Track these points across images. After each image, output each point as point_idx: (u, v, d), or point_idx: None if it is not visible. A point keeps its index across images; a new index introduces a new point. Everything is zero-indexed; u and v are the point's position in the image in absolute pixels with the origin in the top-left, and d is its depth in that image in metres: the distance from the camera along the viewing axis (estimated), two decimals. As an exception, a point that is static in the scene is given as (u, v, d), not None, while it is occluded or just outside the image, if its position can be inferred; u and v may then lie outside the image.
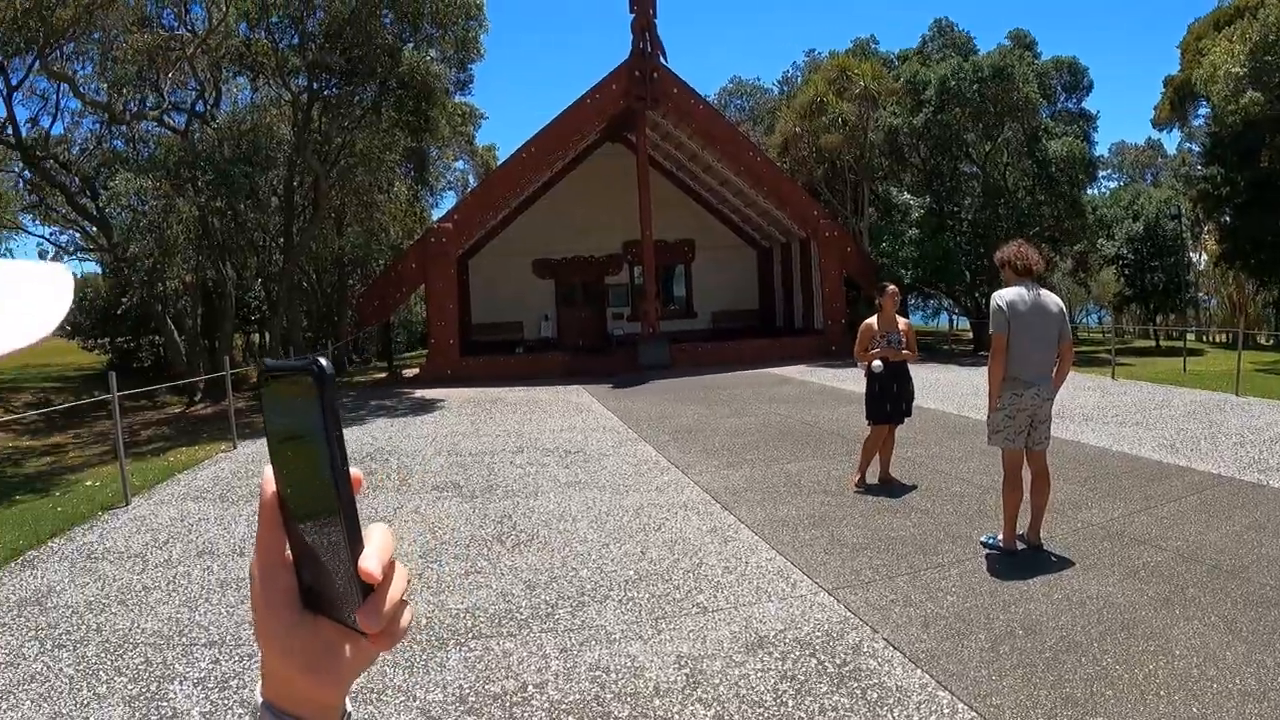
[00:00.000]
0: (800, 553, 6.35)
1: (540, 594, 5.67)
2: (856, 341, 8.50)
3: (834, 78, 29.65)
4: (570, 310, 30.36)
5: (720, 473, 9.51)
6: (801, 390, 17.57)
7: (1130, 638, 4.55)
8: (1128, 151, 61.83)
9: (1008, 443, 6.16)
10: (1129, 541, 6.32)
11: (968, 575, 5.73)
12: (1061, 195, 28.06)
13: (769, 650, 4.60)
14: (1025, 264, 6.16)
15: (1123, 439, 10.74)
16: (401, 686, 4.32)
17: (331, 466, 0.58)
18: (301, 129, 21.75)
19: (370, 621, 0.61)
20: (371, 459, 11.20)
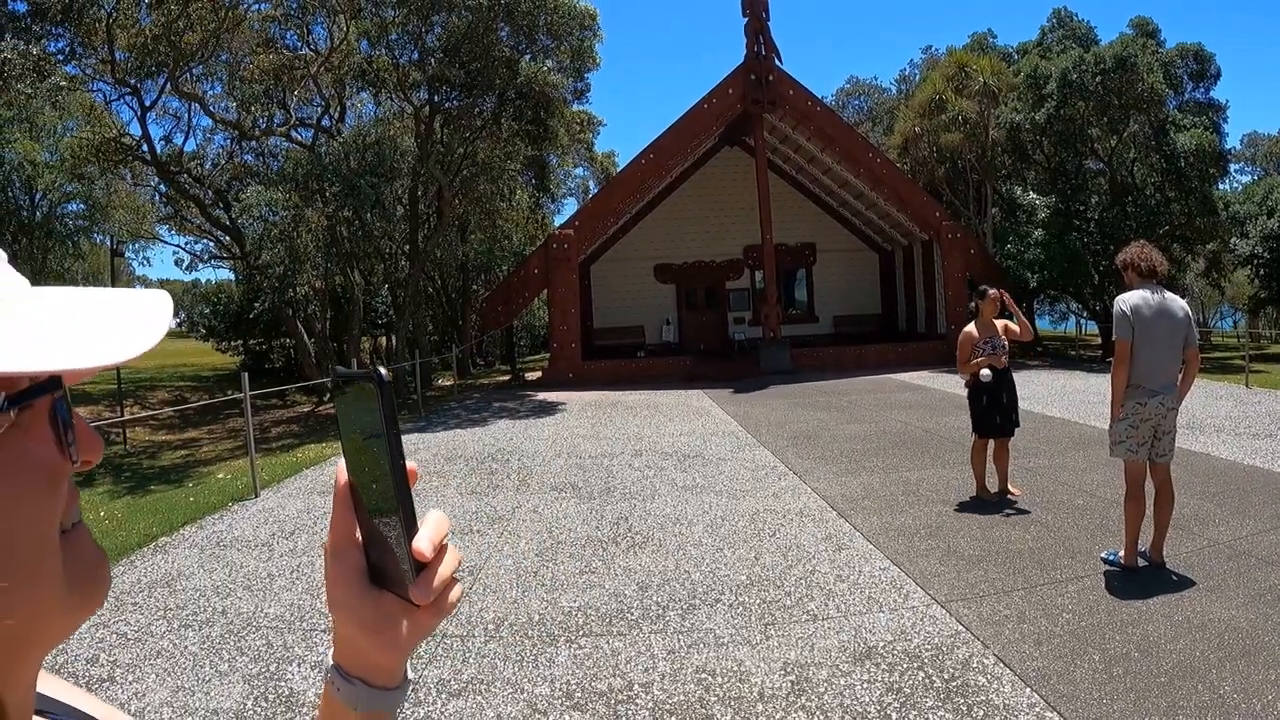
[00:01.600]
0: (915, 563, 6.33)
1: (652, 595, 5.79)
2: (958, 352, 8.31)
3: (952, 75, 29.18)
4: (691, 314, 30.52)
5: (838, 479, 9.52)
6: (923, 396, 17.38)
7: (1251, 665, 4.37)
8: (1261, 142, 58.74)
9: (1130, 454, 6.00)
10: (1256, 562, 6.09)
11: (1085, 592, 5.62)
12: (1191, 191, 26.97)
13: (877, 661, 4.61)
14: (1149, 266, 6.01)
15: (1256, 452, 10.29)
16: (510, 679, 4.49)
17: (391, 461, 0.67)
18: (424, 140, 22.38)
19: (421, 594, 0.71)
20: (493, 459, 11.51)
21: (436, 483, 10.05)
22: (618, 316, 29.58)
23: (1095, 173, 29.64)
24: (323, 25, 23.30)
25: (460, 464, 11.22)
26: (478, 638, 5.08)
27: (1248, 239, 31.34)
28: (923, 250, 28.23)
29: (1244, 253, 31.93)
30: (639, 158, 24.52)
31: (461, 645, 4.97)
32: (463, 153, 22.97)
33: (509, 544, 7.15)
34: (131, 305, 0.60)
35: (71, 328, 0.55)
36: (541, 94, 21.70)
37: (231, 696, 4.42)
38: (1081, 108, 26.15)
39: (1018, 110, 27.95)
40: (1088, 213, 28.37)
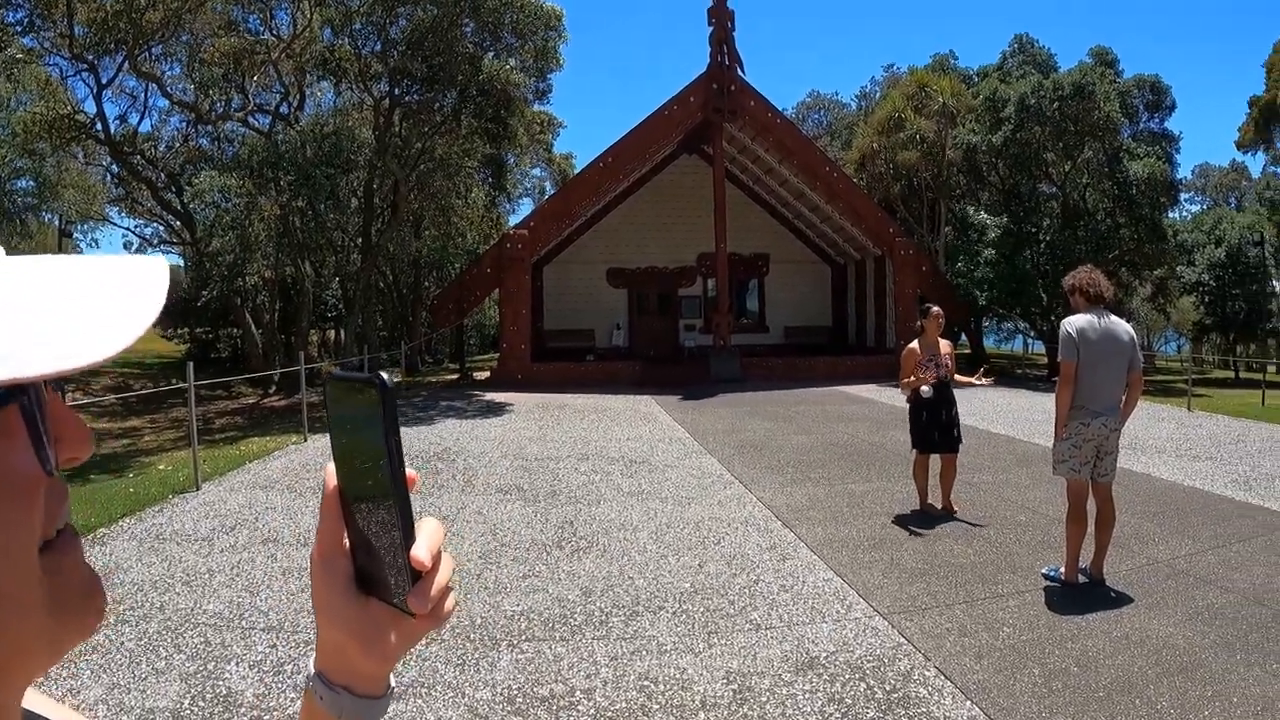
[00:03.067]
0: (858, 575, 6.32)
1: (595, 601, 5.73)
2: (900, 368, 8.37)
3: (912, 94, 29.51)
4: (643, 320, 30.45)
5: (783, 490, 9.50)
6: (870, 410, 17.46)
7: (1188, 681, 4.45)
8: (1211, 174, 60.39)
9: (1072, 473, 6.08)
10: (1194, 581, 6.18)
11: (1026, 607, 5.66)
12: (1142, 218, 27.51)
13: (819, 671, 4.59)
14: (1096, 291, 6.08)
15: (1196, 474, 10.49)
16: (452, 683, 4.41)
17: (391, 468, 0.65)
18: (382, 133, 22.20)
19: (419, 603, 0.68)
20: (438, 459, 11.37)
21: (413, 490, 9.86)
22: (569, 319, 29.42)
23: (1048, 196, 30.07)
24: (286, 11, 23.03)
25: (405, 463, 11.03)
26: (419, 641, 4.95)
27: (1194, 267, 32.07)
28: (875, 265, 28.44)
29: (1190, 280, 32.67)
30: (597, 161, 24.46)
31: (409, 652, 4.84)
32: (421, 147, 22.81)
33: (452, 545, 7.03)
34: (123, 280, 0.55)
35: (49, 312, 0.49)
36: (503, 92, 21.61)
37: (168, 695, 4.29)
38: (1038, 132, 26.55)
39: (975, 132, 28.31)
40: (1039, 235, 28.79)
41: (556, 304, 29.51)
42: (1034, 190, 29.77)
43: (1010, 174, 29.14)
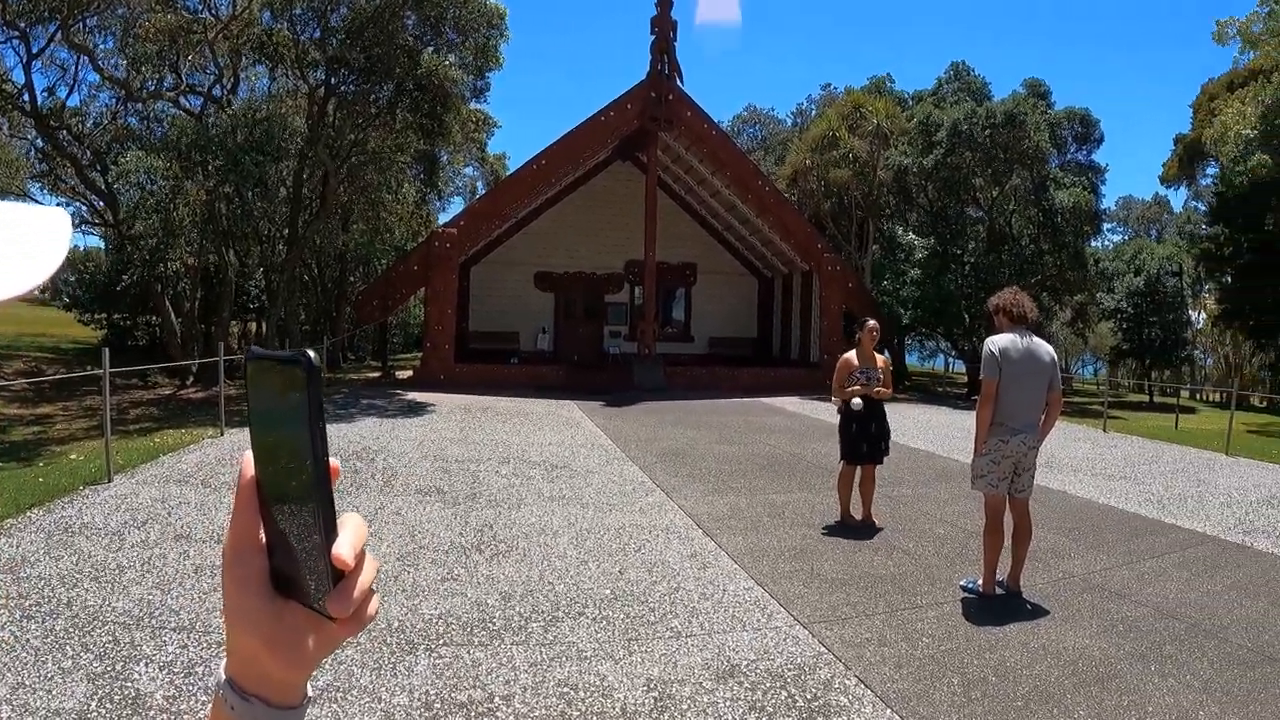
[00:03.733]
0: (778, 584, 6.30)
1: (515, 606, 5.61)
2: (834, 377, 8.39)
3: (847, 113, 29.86)
4: (568, 325, 30.28)
5: (705, 498, 9.46)
6: (793, 422, 17.56)
7: (1104, 691, 4.53)
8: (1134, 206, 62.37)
9: (990, 488, 6.15)
10: (1108, 595, 6.30)
11: (944, 618, 5.69)
12: (1065, 245, 28.19)
13: (740, 680, 4.55)
14: (1020, 312, 6.18)
15: (1110, 492, 10.74)
16: (368, 687, 4.28)
17: (314, 456, 0.59)
18: (315, 122, 21.81)
19: (340, 606, 0.62)
20: (358, 458, 11.13)
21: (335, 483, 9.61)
22: (494, 321, 29.14)
23: (975, 220, 30.66)
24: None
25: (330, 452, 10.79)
26: None
27: (1114, 294, 32.98)
28: (802, 280, 28.67)
29: (1109, 306, 33.60)
30: (531, 162, 24.26)
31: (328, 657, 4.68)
32: (353, 139, 22.46)
33: (370, 547, 6.78)
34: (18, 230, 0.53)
35: None
36: (441, 88, 21.37)
37: (74, 696, 4.07)
38: (968, 157, 27.02)
39: (907, 154, 28.72)
40: (964, 257, 29.33)
41: (483, 305, 29.21)
42: (961, 214, 30.33)
43: (939, 197, 29.62)
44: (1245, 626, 5.70)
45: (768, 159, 43.07)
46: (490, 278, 29.28)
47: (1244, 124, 23.73)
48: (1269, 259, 33.75)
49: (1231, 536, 8.48)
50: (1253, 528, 8.95)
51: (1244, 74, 28.74)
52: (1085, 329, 38.32)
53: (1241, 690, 4.63)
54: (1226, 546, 8.05)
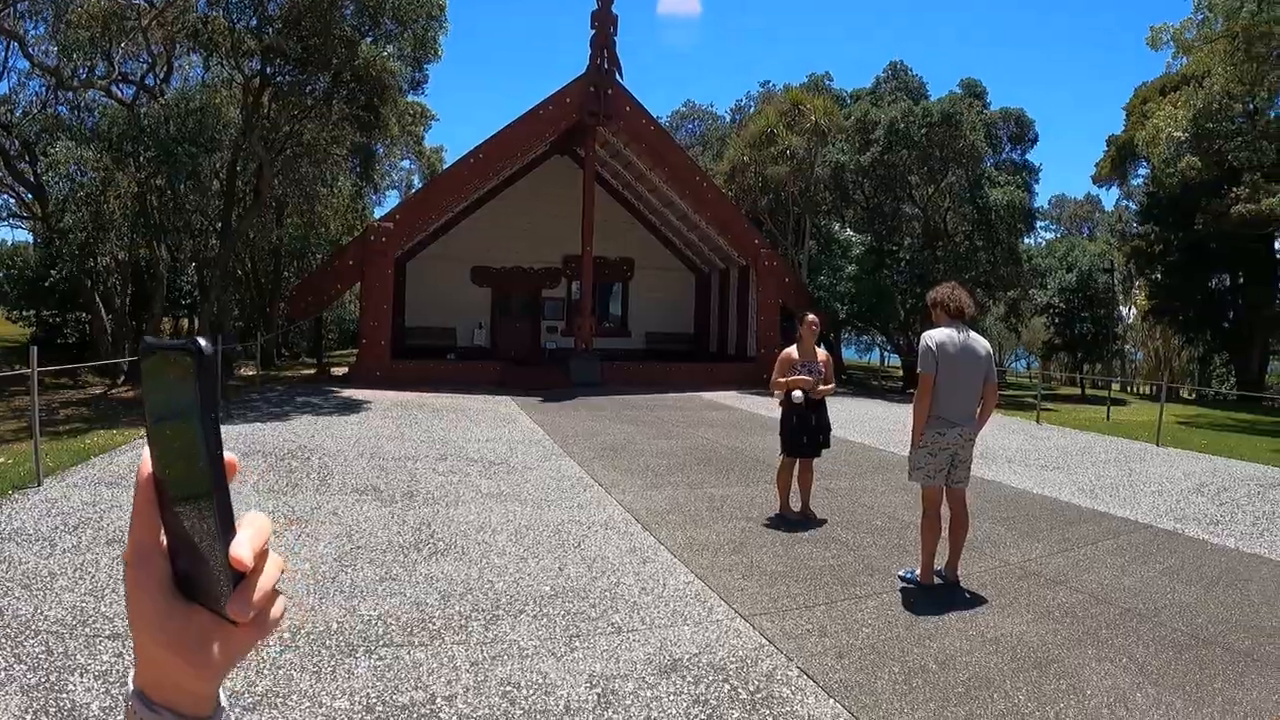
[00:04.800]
0: (718, 577, 6.28)
1: (454, 605, 5.53)
2: (774, 371, 8.38)
3: (786, 110, 30.01)
4: (505, 320, 30.03)
5: (643, 493, 9.42)
6: (729, 416, 17.60)
7: (1043, 676, 4.60)
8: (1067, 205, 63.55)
9: (928, 480, 6.20)
10: (1044, 582, 6.39)
11: (884, 608, 5.72)
12: (999, 242, 28.67)
13: (682, 674, 4.53)
14: (957, 306, 6.24)
15: (1044, 482, 10.92)
16: (308, 691, 4.17)
17: (205, 449, 0.57)
18: (250, 113, 21.38)
19: (239, 610, 0.59)
20: (293, 457, 10.91)
21: (234, 480, 9.36)
22: (430, 317, 28.78)
23: (911, 216, 31.06)
24: (162, -25, 21.86)
25: (259, 460, 10.59)
26: (273, 647, 4.69)
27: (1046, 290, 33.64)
28: (739, 275, 28.76)
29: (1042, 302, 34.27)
30: (468, 156, 23.99)
31: (255, 655, 4.55)
32: (289, 130, 22.08)
33: (307, 547, 6.71)
34: None
35: None
36: (378, 80, 21.05)
37: (8, 709, 3.92)
38: (905, 155, 27.37)
39: (844, 151, 29.01)
40: (900, 253, 29.71)
41: (419, 300, 28.85)
42: (898, 210, 30.71)
43: (876, 193, 29.96)
44: (1178, 610, 5.83)
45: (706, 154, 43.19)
46: (427, 273, 28.93)
47: (1175, 127, 24.39)
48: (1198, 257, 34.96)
49: (1163, 524, 8.67)
50: (1183, 515, 9.17)
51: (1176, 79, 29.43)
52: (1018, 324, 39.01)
53: (1176, 672, 4.73)
54: (1158, 533, 8.23)
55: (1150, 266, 38.35)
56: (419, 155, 42.83)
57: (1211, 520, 9.01)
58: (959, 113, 27.13)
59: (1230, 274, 37.12)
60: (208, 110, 19.81)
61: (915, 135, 26.82)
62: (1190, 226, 32.92)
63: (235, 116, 22.26)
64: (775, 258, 27.34)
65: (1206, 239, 33.31)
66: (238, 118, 22.12)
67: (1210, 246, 34.14)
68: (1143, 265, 38.84)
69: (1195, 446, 15.60)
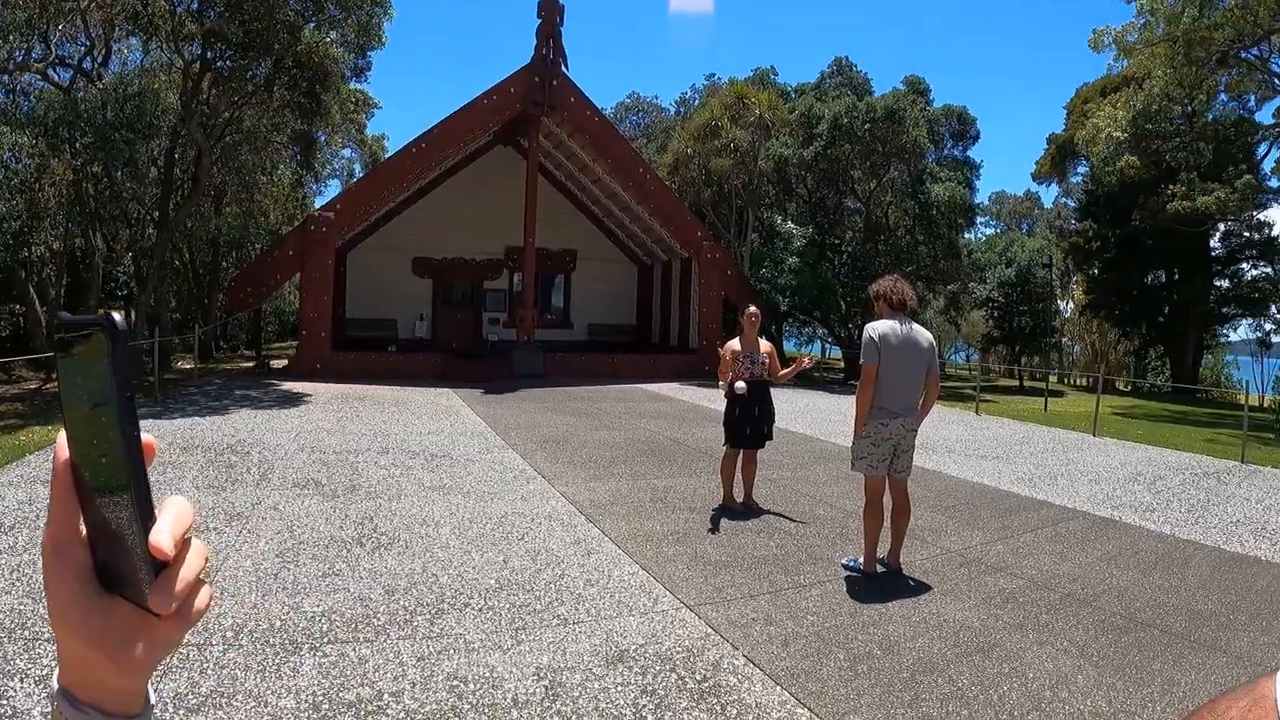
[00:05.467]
0: (663, 568, 6.28)
1: (399, 599, 5.46)
2: (719, 363, 8.43)
3: (731, 104, 30.08)
4: (446, 312, 29.81)
5: (586, 485, 9.40)
6: (672, 407, 17.63)
7: (986, 660, 4.66)
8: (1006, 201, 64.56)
9: (871, 469, 6.26)
10: (986, 568, 6.49)
11: (828, 596, 5.75)
12: (940, 237, 29.04)
13: (629, 664, 4.52)
14: (900, 299, 6.30)
15: (984, 472, 11.10)
16: (253, 691, 4.08)
17: (121, 431, 0.54)
18: (189, 99, 20.97)
19: (161, 602, 0.57)
20: (232, 451, 10.71)
21: (172, 474, 9.21)
22: (371, 308, 28.51)
23: (853, 210, 31.34)
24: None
25: (198, 455, 10.38)
26: (216, 646, 4.59)
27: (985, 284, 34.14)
28: (681, 267, 28.85)
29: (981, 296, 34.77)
30: (411, 145, 23.71)
31: (199, 655, 4.47)
32: (229, 117, 21.70)
33: (248, 543, 6.58)
34: None
35: None
36: (320, 66, 20.73)
37: None
38: (848, 150, 27.58)
39: (788, 145, 29.15)
40: (842, 246, 29.96)
41: (359, 291, 28.52)
42: (840, 204, 30.99)
43: (818, 187, 30.19)
44: (1116, 595, 5.97)
45: (650, 146, 43.21)
46: (368, 263, 28.60)
47: (1115, 127, 24.93)
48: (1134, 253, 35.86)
49: (1100, 511, 8.86)
50: (1120, 503, 9.38)
51: (1117, 80, 30.06)
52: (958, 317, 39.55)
53: (1115, 654, 4.84)
54: (1096, 521, 8.40)
55: (1088, 262, 39.20)
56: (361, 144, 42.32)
57: (1147, 507, 9.23)
58: (902, 109, 27.39)
59: (1165, 270, 38.03)
60: (146, 95, 19.43)
61: (858, 131, 27.04)
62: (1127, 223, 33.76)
63: (174, 102, 21.86)
64: (718, 250, 27.45)
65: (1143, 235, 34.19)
66: (177, 103, 21.72)
67: (1146, 243, 35.03)
68: (1080, 261, 39.69)
69: (1131, 437, 15.96)
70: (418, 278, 29.33)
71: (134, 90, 19.43)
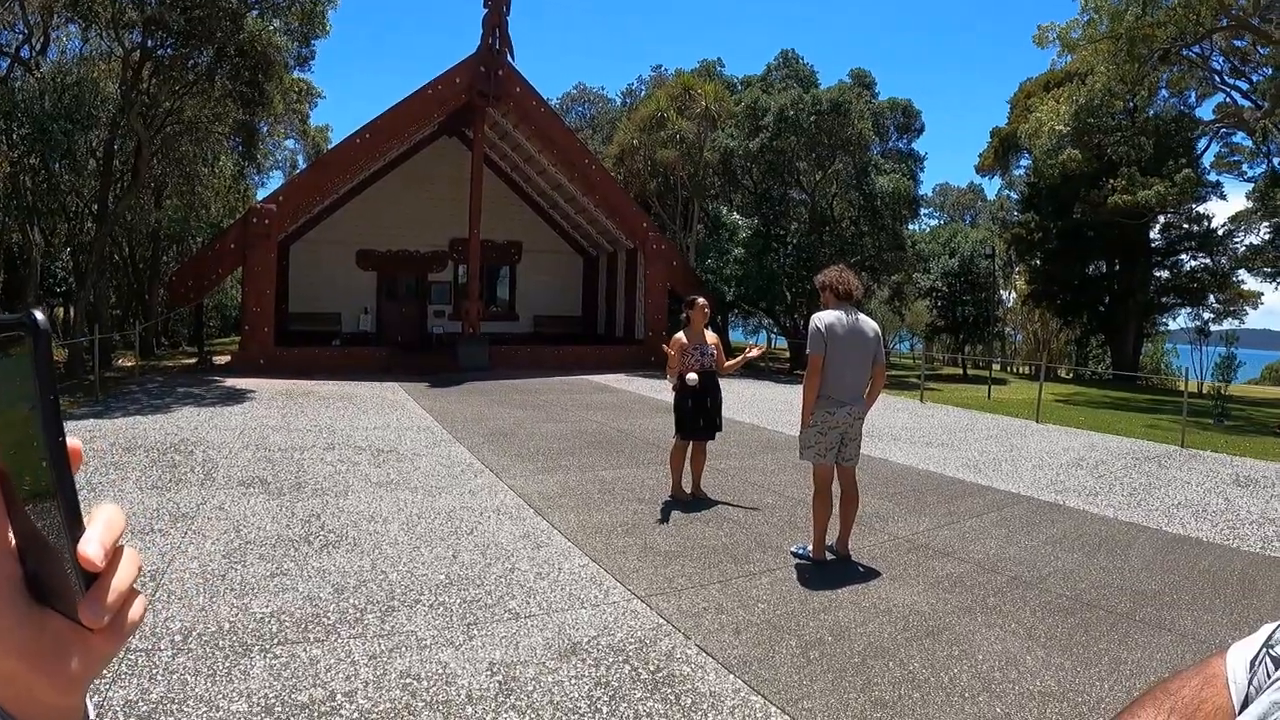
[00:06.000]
0: (613, 560, 6.29)
1: (349, 598, 5.39)
2: (669, 355, 8.44)
3: (677, 95, 30.15)
4: (391, 305, 29.54)
5: (534, 477, 9.36)
6: (619, 398, 17.65)
7: (935, 643, 4.73)
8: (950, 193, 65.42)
9: (819, 458, 6.30)
10: (933, 553, 6.57)
11: (778, 584, 5.78)
12: (884, 228, 29.29)
13: (582, 657, 4.52)
14: (846, 289, 6.35)
15: (929, 458, 11.24)
16: (204, 695, 4.00)
17: (46, 435, 0.52)
18: (130, 89, 20.53)
19: (92, 614, 0.53)
20: (176, 450, 10.51)
21: (114, 475, 9.00)
22: (315, 302, 28.14)
23: (798, 202, 31.49)
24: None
25: (140, 455, 10.17)
26: (164, 651, 4.50)
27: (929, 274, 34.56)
28: (627, 258, 28.84)
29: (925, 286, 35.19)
30: (354, 136, 23.38)
31: (147, 660, 4.38)
32: (169, 107, 21.24)
33: (194, 544, 6.45)
34: None
35: None
36: (263, 55, 20.41)
37: None
38: (793, 142, 27.70)
39: (734, 137, 29.23)
40: (787, 237, 30.11)
41: (302, 285, 28.12)
42: (785, 196, 31.12)
43: (764, 179, 30.30)
44: (1063, 577, 6.07)
45: (596, 138, 43.16)
46: (311, 256, 28.21)
47: (1058, 121, 25.38)
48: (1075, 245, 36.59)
49: (1045, 496, 9.02)
50: (1064, 487, 9.56)
51: (1060, 75, 30.53)
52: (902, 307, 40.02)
53: (1063, 634, 4.93)
54: (1041, 505, 8.55)
55: (1030, 253, 39.85)
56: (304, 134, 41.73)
57: (1090, 492, 9.41)
58: (848, 102, 27.57)
59: (1106, 261, 38.84)
60: (85, 85, 18.93)
61: (804, 123, 27.16)
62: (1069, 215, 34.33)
63: (114, 92, 21.37)
64: (663, 241, 27.48)
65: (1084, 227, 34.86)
66: (116, 93, 21.23)
67: (1087, 234, 35.74)
68: (1023, 251, 40.35)
69: (1073, 423, 16.25)
70: (362, 270, 29.01)
71: (73, 79, 18.93)
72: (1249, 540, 7.53)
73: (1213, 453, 13.17)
